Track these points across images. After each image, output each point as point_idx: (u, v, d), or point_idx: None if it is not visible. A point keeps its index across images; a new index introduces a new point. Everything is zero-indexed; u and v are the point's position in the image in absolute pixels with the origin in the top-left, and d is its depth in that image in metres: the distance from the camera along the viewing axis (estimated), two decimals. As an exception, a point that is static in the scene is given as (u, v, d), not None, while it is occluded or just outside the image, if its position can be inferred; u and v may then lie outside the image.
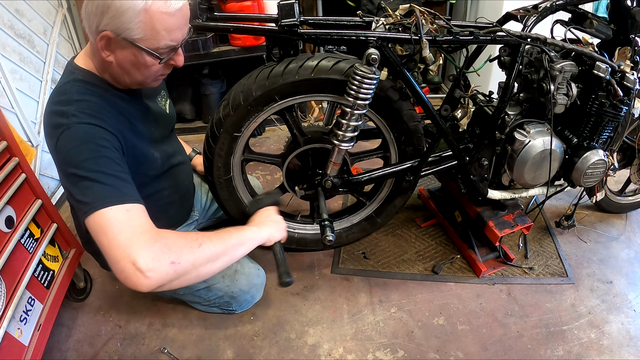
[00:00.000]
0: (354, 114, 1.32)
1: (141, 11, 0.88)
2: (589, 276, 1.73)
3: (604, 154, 1.50)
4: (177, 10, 0.93)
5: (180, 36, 0.97)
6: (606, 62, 1.37)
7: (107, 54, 0.96)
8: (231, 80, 2.91)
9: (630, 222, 2.01)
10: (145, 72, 1.01)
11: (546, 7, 1.40)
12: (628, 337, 1.49)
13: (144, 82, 1.07)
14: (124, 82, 1.05)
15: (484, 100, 1.59)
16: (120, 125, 1.04)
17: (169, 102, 1.39)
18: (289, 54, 1.35)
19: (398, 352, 1.45)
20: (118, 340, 1.51)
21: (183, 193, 1.45)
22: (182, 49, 1.03)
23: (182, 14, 0.95)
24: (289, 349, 1.47)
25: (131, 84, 1.07)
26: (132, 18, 0.89)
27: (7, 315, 1.16)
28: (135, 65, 0.98)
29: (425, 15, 1.30)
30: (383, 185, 1.69)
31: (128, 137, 1.06)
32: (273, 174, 2.41)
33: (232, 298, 1.48)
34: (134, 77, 1.03)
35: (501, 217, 1.66)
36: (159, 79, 1.09)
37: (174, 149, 1.38)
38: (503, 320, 1.55)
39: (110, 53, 0.96)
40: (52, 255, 1.46)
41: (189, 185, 1.50)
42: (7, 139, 1.31)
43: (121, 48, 0.94)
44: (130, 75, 1.02)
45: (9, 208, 1.28)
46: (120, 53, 0.95)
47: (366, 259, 1.81)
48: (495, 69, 1.75)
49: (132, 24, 0.89)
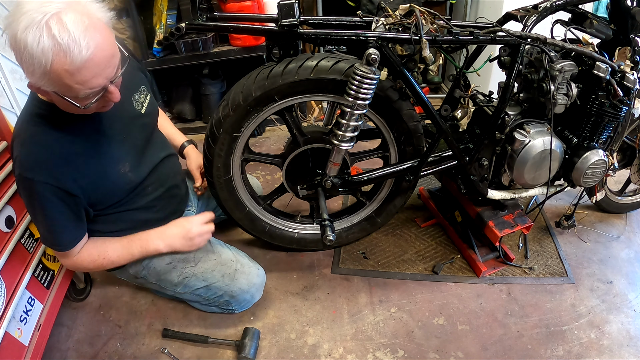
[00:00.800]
0: (354, 114, 1.32)
1: (45, 72, 0.87)
2: (589, 276, 1.73)
3: (604, 154, 1.50)
4: (86, 62, 0.88)
5: (102, 81, 0.94)
6: (606, 62, 1.37)
7: (44, 93, 0.97)
8: (231, 80, 2.91)
9: (630, 222, 2.01)
10: (83, 110, 1.00)
11: (546, 7, 1.40)
12: (628, 337, 1.49)
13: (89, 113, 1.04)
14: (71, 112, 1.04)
15: (484, 100, 1.59)
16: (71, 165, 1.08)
17: (148, 97, 1.34)
18: (288, 54, 1.35)
19: (398, 352, 1.45)
20: (118, 340, 1.51)
21: (169, 186, 1.42)
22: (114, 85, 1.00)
23: (96, 62, 0.90)
24: (289, 349, 1.47)
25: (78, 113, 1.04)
26: (41, 77, 0.88)
27: (7, 315, 1.17)
28: (69, 107, 0.99)
29: (425, 15, 1.30)
30: (383, 185, 1.69)
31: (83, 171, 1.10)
32: (273, 174, 2.41)
33: (232, 297, 1.48)
34: (75, 110, 1.01)
35: (501, 217, 1.66)
36: (103, 109, 1.06)
37: (152, 149, 1.35)
38: (503, 320, 1.55)
39: (44, 94, 0.98)
40: (52, 255, 1.46)
41: (175, 177, 1.46)
42: (7, 139, 1.32)
43: (49, 94, 0.95)
44: (70, 109, 1.02)
45: (9, 208, 1.29)
46: (53, 96, 0.96)
47: (366, 259, 1.81)
48: (495, 69, 1.75)
49: (43, 82, 0.89)
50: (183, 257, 1.43)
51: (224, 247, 1.53)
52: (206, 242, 1.41)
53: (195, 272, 1.43)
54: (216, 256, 1.47)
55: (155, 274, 1.43)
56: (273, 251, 1.85)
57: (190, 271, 1.43)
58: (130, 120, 1.25)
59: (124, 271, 1.45)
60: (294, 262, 1.81)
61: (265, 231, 1.71)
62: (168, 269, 1.42)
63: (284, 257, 1.84)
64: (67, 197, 1.10)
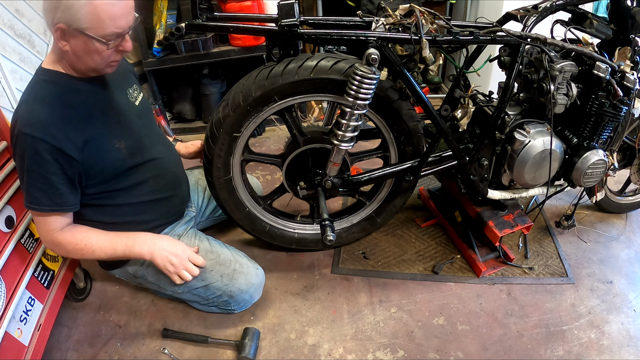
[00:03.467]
0: (354, 114, 1.32)
1: (86, 3, 1.00)
2: (589, 276, 1.73)
3: (604, 154, 1.50)
4: (119, 1, 1.05)
5: (125, 24, 1.08)
6: (606, 62, 1.37)
7: (64, 44, 1.07)
8: (231, 80, 2.91)
9: (630, 222, 2.01)
10: (97, 58, 1.11)
11: (546, 7, 1.40)
12: (628, 337, 1.49)
13: (98, 69, 1.15)
14: (80, 69, 1.15)
15: (484, 100, 1.59)
16: (70, 125, 1.13)
17: (141, 95, 1.43)
18: (288, 54, 1.35)
19: (398, 352, 1.45)
20: (118, 340, 1.51)
21: (168, 187, 1.44)
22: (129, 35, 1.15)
23: (125, 4, 1.06)
24: (289, 349, 1.47)
25: (87, 71, 1.16)
26: (79, 10, 1.00)
27: (7, 315, 1.16)
28: (87, 52, 1.09)
29: (425, 15, 1.30)
30: (383, 185, 1.69)
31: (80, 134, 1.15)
32: (273, 174, 2.41)
33: (231, 297, 1.48)
34: (88, 64, 1.12)
35: (501, 217, 1.66)
36: (111, 65, 1.18)
37: (150, 141, 1.38)
38: (503, 320, 1.55)
39: (66, 42, 1.07)
40: (52, 255, 1.46)
41: (174, 178, 1.48)
42: (7, 139, 1.32)
43: (74, 37, 1.06)
44: (84, 62, 1.12)
45: (9, 208, 1.29)
46: (74, 42, 1.06)
47: (366, 259, 1.81)
48: (495, 69, 1.75)
49: (80, 15, 1.01)
50: None
51: (223, 247, 1.53)
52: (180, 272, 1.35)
53: None
54: (215, 256, 1.47)
55: (154, 273, 1.43)
56: (273, 251, 1.85)
57: None
58: (127, 107, 1.32)
59: (123, 270, 1.45)
60: (294, 262, 1.81)
61: (265, 231, 1.71)
62: None
63: (284, 257, 1.84)
64: (63, 157, 1.11)
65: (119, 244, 1.30)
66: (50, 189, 1.14)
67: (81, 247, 1.26)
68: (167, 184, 1.44)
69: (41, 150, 1.08)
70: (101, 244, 1.28)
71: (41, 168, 1.11)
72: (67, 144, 1.12)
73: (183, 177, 1.56)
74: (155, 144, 1.41)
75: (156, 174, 1.38)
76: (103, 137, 1.21)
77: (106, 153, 1.22)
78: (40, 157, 1.09)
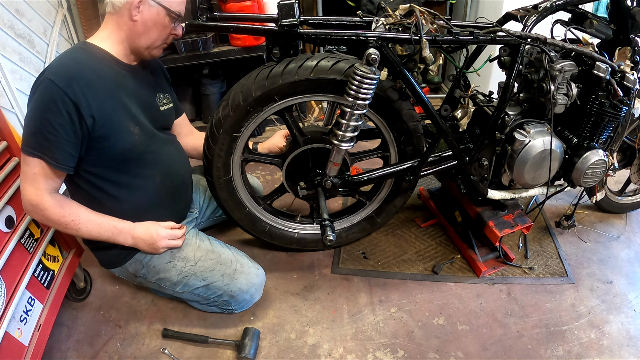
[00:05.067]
0: (354, 114, 1.32)
1: None
2: (589, 276, 1.73)
3: (604, 154, 1.50)
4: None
5: (183, 10, 1.27)
6: (606, 62, 1.37)
7: (136, 14, 1.20)
8: (231, 80, 2.91)
9: (630, 222, 2.01)
10: (162, 32, 1.26)
11: (546, 7, 1.40)
12: (628, 337, 1.49)
13: (152, 47, 1.28)
14: (136, 45, 1.26)
15: (484, 100, 1.59)
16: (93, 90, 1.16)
17: (170, 105, 1.49)
18: (288, 54, 1.35)
19: (398, 352, 1.45)
20: (118, 340, 1.51)
21: (177, 184, 1.46)
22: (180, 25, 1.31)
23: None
24: (289, 349, 1.47)
25: (140, 48, 1.27)
26: None
27: (7, 315, 1.16)
28: (155, 24, 1.23)
29: (425, 15, 1.30)
30: (383, 185, 1.69)
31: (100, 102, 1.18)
32: (273, 174, 2.41)
33: (231, 297, 1.48)
34: (150, 37, 1.25)
35: (501, 217, 1.66)
36: (162, 47, 1.32)
37: (164, 139, 1.42)
38: (503, 320, 1.55)
39: (138, 13, 1.20)
40: (52, 255, 1.46)
41: (183, 178, 1.51)
42: (7, 139, 1.32)
43: (149, 8, 1.21)
44: (148, 34, 1.24)
45: (9, 208, 1.29)
46: (147, 12, 1.21)
47: (366, 259, 1.81)
48: (495, 69, 1.75)
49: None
50: (183, 255, 1.44)
51: (224, 247, 1.53)
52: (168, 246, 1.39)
53: (194, 271, 1.44)
54: (216, 255, 1.47)
55: (154, 273, 1.43)
56: (273, 251, 1.85)
57: (190, 270, 1.43)
58: (150, 106, 1.38)
59: (123, 269, 1.45)
60: (294, 262, 1.81)
61: (265, 231, 1.71)
62: (167, 268, 1.42)
63: (284, 257, 1.84)
64: (76, 114, 1.13)
65: (105, 229, 1.30)
66: (54, 139, 1.13)
67: (67, 221, 1.24)
68: (173, 186, 1.44)
69: (58, 99, 1.11)
70: (88, 224, 1.27)
71: (52, 116, 1.11)
72: (84, 103, 1.14)
73: (189, 181, 1.58)
74: (168, 144, 1.45)
75: (164, 172, 1.39)
76: (119, 114, 1.24)
77: (118, 132, 1.23)
78: (55, 105, 1.11)
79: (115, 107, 1.22)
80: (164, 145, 1.41)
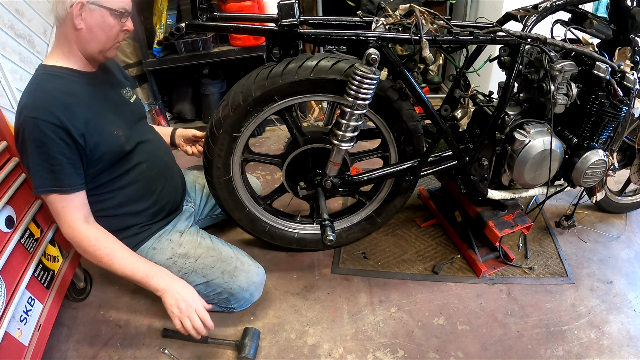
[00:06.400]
0: (354, 114, 1.32)
1: None
2: (589, 276, 1.73)
3: (604, 154, 1.50)
4: None
5: (128, 6, 1.24)
6: (606, 62, 1.37)
7: (79, 22, 1.16)
8: (231, 80, 2.91)
9: (630, 222, 2.01)
10: (110, 33, 1.22)
11: (546, 7, 1.40)
12: (628, 337, 1.49)
13: (105, 49, 1.25)
14: (89, 51, 1.24)
15: (484, 100, 1.59)
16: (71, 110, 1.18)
17: (135, 96, 1.50)
18: (288, 54, 1.35)
19: (398, 352, 1.45)
20: (118, 340, 1.51)
21: (163, 169, 1.48)
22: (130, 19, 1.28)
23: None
24: (289, 349, 1.47)
25: (95, 52, 1.25)
26: None
27: (7, 315, 1.16)
28: (101, 27, 1.20)
29: (425, 15, 1.30)
30: (383, 185, 1.69)
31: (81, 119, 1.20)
32: (273, 174, 2.41)
33: (231, 295, 1.48)
34: (100, 41, 1.22)
35: (501, 217, 1.66)
36: (115, 46, 1.28)
37: (142, 130, 1.45)
38: (503, 320, 1.55)
39: (82, 20, 1.17)
40: (52, 255, 1.46)
41: (165, 165, 1.51)
42: (7, 139, 1.32)
43: (91, 12, 1.17)
44: (97, 39, 1.21)
45: (9, 208, 1.29)
46: (90, 17, 1.17)
47: (366, 259, 1.81)
48: (495, 69, 1.75)
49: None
50: (183, 252, 1.44)
51: (225, 245, 1.53)
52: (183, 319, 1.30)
53: (195, 267, 1.44)
54: (216, 253, 1.47)
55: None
56: (273, 251, 1.85)
57: (190, 267, 1.44)
58: (122, 102, 1.40)
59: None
60: (294, 262, 1.81)
61: (265, 231, 1.71)
62: (168, 264, 1.42)
63: (284, 257, 1.84)
64: (68, 138, 1.16)
65: (140, 269, 1.29)
66: (58, 168, 1.17)
67: (102, 255, 1.26)
68: (159, 171, 1.46)
69: (47, 130, 1.12)
70: (123, 262, 1.28)
71: (48, 148, 1.14)
72: (71, 126, 1.16)
73: (174, 166, 1.60)
74: (148, 133, 1.48)
75: (147, 157, 1.41)
76: (102, 122, 1.26)
77: (105, 138, 1.26)
78: (46, 137, 1.13)
79: (96, 119, 1.24)
80: (144, 135, 1.43)
